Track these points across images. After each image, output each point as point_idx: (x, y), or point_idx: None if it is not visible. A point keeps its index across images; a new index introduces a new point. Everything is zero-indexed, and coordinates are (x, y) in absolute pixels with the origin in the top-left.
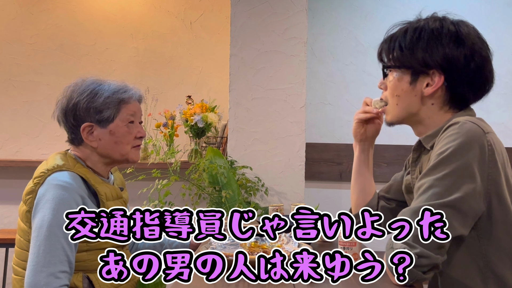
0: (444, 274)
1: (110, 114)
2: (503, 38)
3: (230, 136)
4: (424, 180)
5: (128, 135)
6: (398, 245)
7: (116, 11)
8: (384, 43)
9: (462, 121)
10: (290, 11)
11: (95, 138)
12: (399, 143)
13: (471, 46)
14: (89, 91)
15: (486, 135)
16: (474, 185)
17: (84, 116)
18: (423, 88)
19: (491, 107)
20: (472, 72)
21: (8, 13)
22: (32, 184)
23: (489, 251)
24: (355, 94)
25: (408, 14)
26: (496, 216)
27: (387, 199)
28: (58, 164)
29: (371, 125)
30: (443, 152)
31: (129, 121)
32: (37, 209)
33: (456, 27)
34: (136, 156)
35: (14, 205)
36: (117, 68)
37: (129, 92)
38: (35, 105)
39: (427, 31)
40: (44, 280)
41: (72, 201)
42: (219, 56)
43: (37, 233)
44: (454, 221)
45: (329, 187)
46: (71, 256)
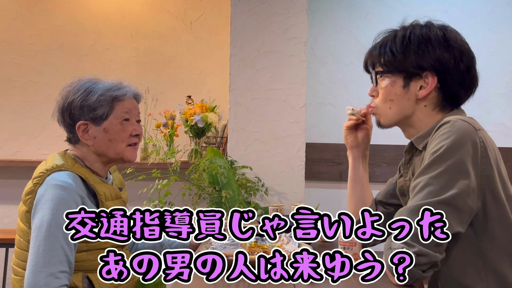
0: (443, 273)
1: (103, 112)
2: (503, 38)
3: (230, 136)
4: (420, 179)
5: (122, 133)
6: (397, 245)
7: (116, 11)
8: (373, 51)
9: (453, 120)
10: (290, 11)
11: (90, 136)
12: (399, 143)
13: (459, 48)
14: (83, 90)
15: (477, 132)
16: (468, 181)
17: (79, 114)
18: (416, 91)
19: (491, 107)
20: (462, 72)
21: (8, 13)
22: (32, 184)
23: (487, 248)
24: (355, 94)
25: (408, 14)
26: (492, 212)
27: (384, 204)
28: (57, 164)
29: (360, 132)
30: (437, 151)
31: (124, 118)
32: (36, 209)
33: (443, 31)
34: (131, 155)
35: (14, 205)
36: (117, 68)
37: (123, 90)
38: (35, 105)
39: (417, 36)
40: (44, 280)
41: (72, 201)
42: (219, 56)
43: (37, 233)
44: (451, 218)
45: (329, 187)
46: (70, 256)
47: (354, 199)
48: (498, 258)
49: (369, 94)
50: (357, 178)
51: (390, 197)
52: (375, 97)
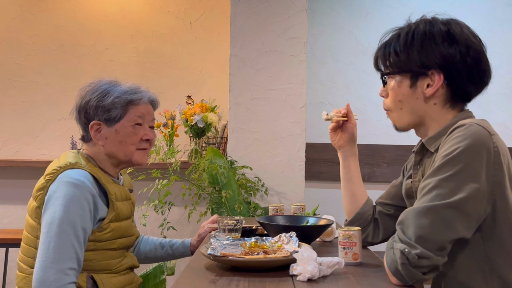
0: (448, 277)
1: (117, 114)
2: (503, 38)
3: (230, 136)
4: (429, 181)
5: (133, 136)
6: (399, 245)
7: (116, 11)
8: (379, 51)
9: (468, 123)
10: (290, 11)
11: (102, 136)
12: (399, 143)
13: (465, 42)
14: (100, 91)
15: (492, 137)
16: (478, 186)
17: (93, 114)
18: (424, 89)
19: (491, 107)
20: (469, 67)
21: (8, 13)
22: (44, 180)
23: (494, 254)
24: (355, 94)
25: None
26: (501, 218)
27: (385, 205)
28: (71, 162)
29: (345, 131)
30: (449, 154)
31: (136, 122)
32: (48, 205)
33: (447, 26)
34: (140, 158)
35: (14, 205)
36: (117, 68)
37: (139, 94)
38: (35, 105)
39: (420, 33)
40: (54, 276)
41: (83, 199)
42: (219, 56)
43: (47, 229)
44: (458, 223)
45: (329, 187)
46: (80, 253)
47: (347, 198)
48: (505, 264)
49: (379, 95)
50: (349, 176)
51: (392, 198)
52: (385, 97)
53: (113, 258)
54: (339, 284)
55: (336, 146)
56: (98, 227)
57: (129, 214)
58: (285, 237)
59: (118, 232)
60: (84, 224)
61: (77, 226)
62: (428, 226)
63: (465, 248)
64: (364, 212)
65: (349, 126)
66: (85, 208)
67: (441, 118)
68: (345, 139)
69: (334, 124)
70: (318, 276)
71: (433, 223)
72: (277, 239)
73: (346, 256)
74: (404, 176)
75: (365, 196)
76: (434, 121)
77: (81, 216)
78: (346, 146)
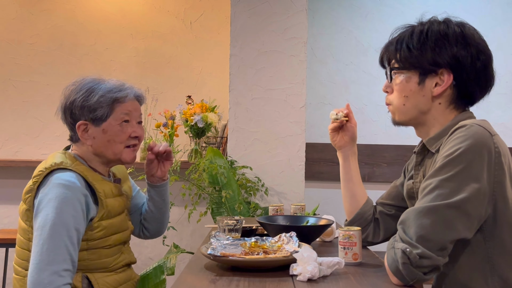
0: (449, 277)
1: (103, 113)
2: (503, 38)
3: (230, 136)
4: (430, 181)
5: (121, 134)
6: (400, 245)
7: (116, 11)
8: (389, 46)
9: (469, 124)
10: (290, 11)
11: (89, 136)
12: (399, 143)
13: (476, 46)
14: (85, 90)
15: (493, 137)
16: (479, 187)
17: (79, 114)
18: (432, 88)
19: (491, 107)
20: (478, 70)
21: (8, 13)
22: (31, 183)
23: (495, 254)
24: (355, 94)
25: (408, 14)
26: (502, 219)
27: (386, 205)
28: (56, 162)
29: (345, 131)
30: (451, 154)
31: (123, 120)
32: (40, 207)
33: (461, 28)
34: (129, 156)
35: (14, 205)
36: (117, 68)
37: (124, 91)
38: (35, 105)
39: (434, 32)
40: (48, 279)
41: (75, 199)
42: (219, 56)
43: (40, 231)
44: (459, 223)
45: (329, 187)
46: (74, 254)
47: (347, 198)
48: (506, 265)
49: (383, 90)
50: (349, 176)
51: (393, 198)
52: (389, 93)
53: (109, 256)
54: (339, 284)
55: (336, 146)
56: (88, 226)
57: (122, 209)
58: (285, 237)
59: (111, 229)
60: (77, 225)
61: (70, 227)
62: (429, 226)
63: (466, 248)
64: (364, 212)
65: (350, 126)
66: (77, 209)
67: (443, 118)
68: (346, 139)
69: (336, 124)
70: (318, 276)
71: (434, 223)
72: (277, 239)
73: (346, 256)
74: (405, 176)
75: (365, 196)
76: (436, 121)
77: (74, 217)
78: (347, 146)
